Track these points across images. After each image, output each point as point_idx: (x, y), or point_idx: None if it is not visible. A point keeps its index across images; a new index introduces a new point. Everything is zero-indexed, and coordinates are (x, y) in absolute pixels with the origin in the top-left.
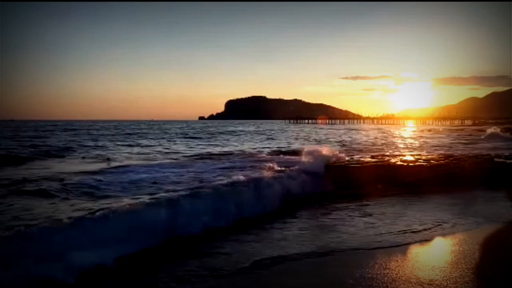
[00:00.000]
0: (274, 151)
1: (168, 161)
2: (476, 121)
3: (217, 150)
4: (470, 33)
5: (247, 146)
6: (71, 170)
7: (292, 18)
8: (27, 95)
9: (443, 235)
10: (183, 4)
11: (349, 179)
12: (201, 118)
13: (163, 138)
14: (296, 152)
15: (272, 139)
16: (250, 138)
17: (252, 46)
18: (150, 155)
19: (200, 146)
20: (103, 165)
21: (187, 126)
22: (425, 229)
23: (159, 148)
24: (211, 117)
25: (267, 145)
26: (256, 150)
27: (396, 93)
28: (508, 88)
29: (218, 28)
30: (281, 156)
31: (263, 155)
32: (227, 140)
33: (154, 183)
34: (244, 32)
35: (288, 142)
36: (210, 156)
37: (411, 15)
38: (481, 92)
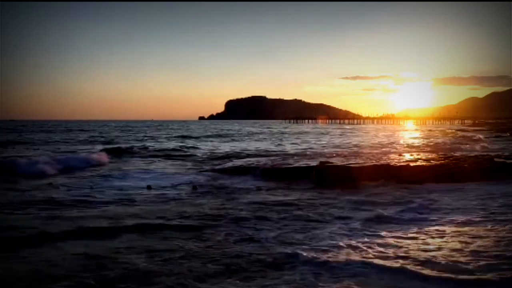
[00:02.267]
0: None
1: None
2: (476, 121)
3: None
4: (470, 33)
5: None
6: None
7: (292, 18)
8: (27, 95)
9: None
10: (183, 4)
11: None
12: (201, 118)
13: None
14: None
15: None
16: (305, 138)
17: (252, 46)
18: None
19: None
20: None
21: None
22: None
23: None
24: (211, 117)
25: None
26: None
27: (396, 93)
28: (508, 88)
29: (218, 28)
30: None
31: None
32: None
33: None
34: (244, 32)
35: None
36: None
37: (411, 15)
38: (481, 92)
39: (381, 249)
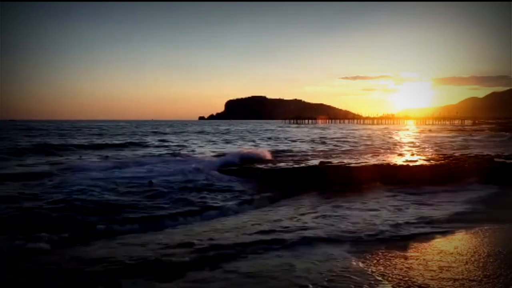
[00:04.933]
0: None
1: None
2: (476, 121)
3: None
4: (470, 33)
5: None
6: None
7: (292, 18)
8: (27, 95)
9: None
10: (183, 4)
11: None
12: (201, 118)
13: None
14: None
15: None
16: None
17: (252, 46)
18: None
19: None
20: None
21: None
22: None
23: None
24: (211, 117)
25: None
26: None
27: (396, 93)
28: (508, 88)
29: (218, 28)
30: None
31: None
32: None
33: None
34: (244, 32)
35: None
36: None
37: (411, 15)
38: (481, 92)
39: None
